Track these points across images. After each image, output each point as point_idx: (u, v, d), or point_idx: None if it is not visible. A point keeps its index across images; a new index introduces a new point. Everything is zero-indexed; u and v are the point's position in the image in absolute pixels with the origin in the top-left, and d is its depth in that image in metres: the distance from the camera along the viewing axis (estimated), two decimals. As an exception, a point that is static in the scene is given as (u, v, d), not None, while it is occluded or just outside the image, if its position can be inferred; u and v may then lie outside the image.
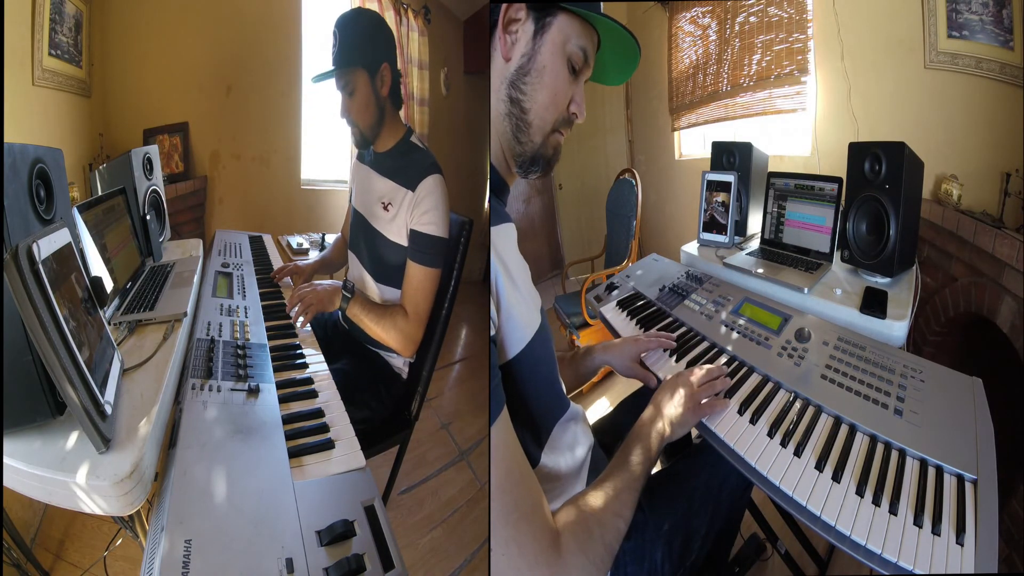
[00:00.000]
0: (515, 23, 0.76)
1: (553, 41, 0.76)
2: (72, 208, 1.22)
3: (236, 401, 0.94)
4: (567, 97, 0.79)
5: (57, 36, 1.91)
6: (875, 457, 0.83)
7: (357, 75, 1.33)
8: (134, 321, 1.24)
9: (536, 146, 0.79)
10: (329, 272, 1.81)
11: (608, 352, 1.15)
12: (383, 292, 1.47)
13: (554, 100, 0.78)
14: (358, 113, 1.37)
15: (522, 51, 0.76)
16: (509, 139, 0.79)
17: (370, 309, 1.40)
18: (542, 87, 0.76)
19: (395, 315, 1.38)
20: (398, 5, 3.11)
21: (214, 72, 2.52)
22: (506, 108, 0.78)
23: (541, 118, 0.78)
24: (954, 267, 1.58)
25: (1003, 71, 1.49)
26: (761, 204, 1.78)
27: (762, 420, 0.92)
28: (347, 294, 1.39)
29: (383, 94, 1.37)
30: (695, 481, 0.95)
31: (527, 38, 0.76)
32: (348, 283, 1.42)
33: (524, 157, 0.80)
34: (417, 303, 1.37)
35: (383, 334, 1.39)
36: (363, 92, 1.35)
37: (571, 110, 0.80)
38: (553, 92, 0.77)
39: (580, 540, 0.68)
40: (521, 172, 0.82)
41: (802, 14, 2.24)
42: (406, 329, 1.37)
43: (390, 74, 1.36)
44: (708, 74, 2.78)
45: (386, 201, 1.39)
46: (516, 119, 0.78)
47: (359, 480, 0.82)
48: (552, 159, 0.81)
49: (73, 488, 0.76)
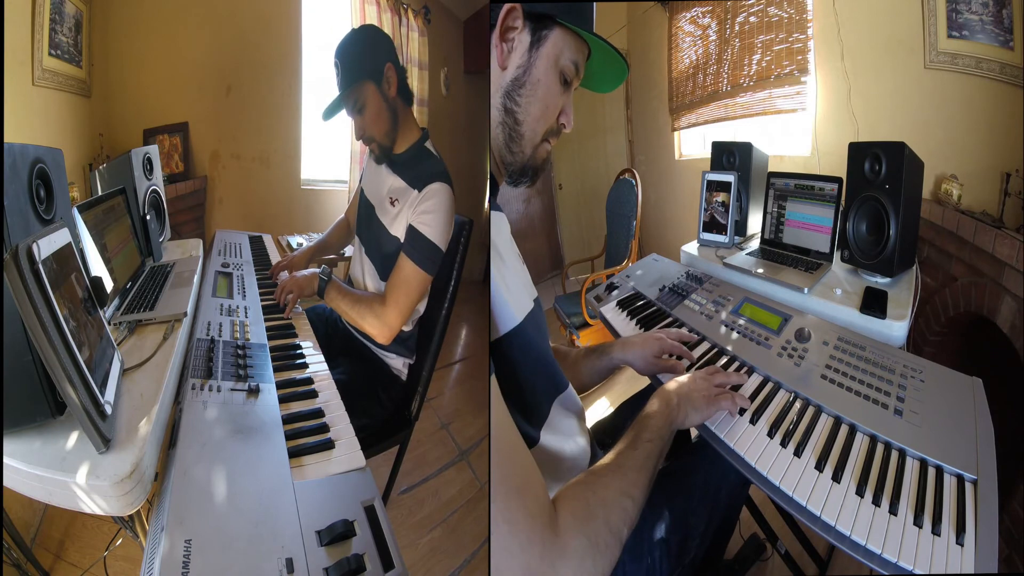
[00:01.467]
0: (512, 31, 0.77)
1: (548, 56, 0.77)
2: (72, 208, 1.22)
3: (236, 401, 0.94)
4: (558, 109, 0.81)
5: (57, 36, 1.91)
6: (875, 457, 0.83)
7: (364, 89, 1.33)
8: (134, 321, 1.24)
9: (526, 157, 0.81)
10: (327, 255, 1.81)
11: (627, 351, 1.10)
12: (381, 286, 1.46)
13: (545, 113, 0.80)
14: (372, 124, 1.36)
15: (518, 62, 0.77)
16: (501, 147, 0.81)
17: (346, 295, 1.41)
18: (535, 100, 0.78)
19: (372, 302, 1.38)
20: (398, 5, 3.11)
21: (214, 72, 2.52)
22: (500, 116, 0.79)
23: (532, 130, 0.80)
24: (954, 267, 1.58)
25: (1003, 71, 1.49)
26: (761, 204, 1.78)
27: (762, 420, 0.92)
28: (324, 278, 1.41)
29: (392, 95, 1.36)
30: (694, 479, 0.95)
31: (523, 49, 0.77)
32: (325, 268, 1.43)
33: (514, 167, 0.82)
34: (398, 294, 1.35)
35: (359, 320, 1.39)
36: (374, 103, 1.34)
37: (560, 120, 0.82)
38: (545, 105, 0.79)
39: (581, 520, 0.63)
40: (511, 181, 0.83)
41: (802, 14, 2.24)
42: (382, 315, 1.36)
43: (395, 72, 1.35)
44: (708, 74, 2.78)
45: (394, 197, 1.39)
46: (509, 129, 0.79)
47: (359, 480, 0.82)
48: (540, 169, 0.83)
49: (73, 488, 0.76)
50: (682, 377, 0.93)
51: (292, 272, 1.63)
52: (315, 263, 1.69)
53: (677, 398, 0.86)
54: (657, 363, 1.09)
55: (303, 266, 1.68)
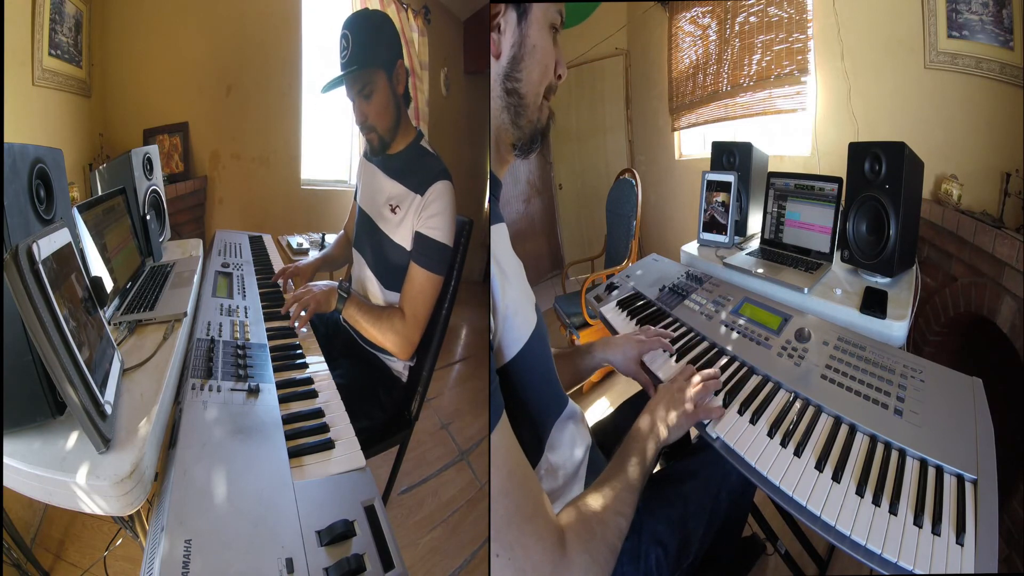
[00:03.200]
0: (497, 17, 0.78)
1: (537, 19, 0.79)
2: (72, 208, 1.22)
3: (236, 401, 0.94)
4: (554, 62, 0.82)
5: (57, 36, 1.91)
6: (875, 457, 0.83)
7: (376, 76, 1.30)
8: (134, 321, 1.24)
9: (534, 124, 0.82)
10: (331, 270, 1.80)
11: (609, 350, 1.15)
12: (386, 295, 1.46)
13: (545, 72, 0.81)
14: (377, 116, 1.33)
15: (511, 41, 0.78)
16: (508, 128, 0.81)
17: (367, 311, 1.39)
18: (535, 64, 0.79)
19: (392, 317, 1.37)
20: (398, 5, 3.11)
21: (214, 72, 2.51)
22: (503, 102, 0.80)
23: (536, 94, 0.81)
24: (954, 267, 1.57)
25: (1003, 71, 1.49)
26: (761, 204, 1.78)
27: (762, 420, 0.92)
28: (343, 294, 1.38)
29: (399, 92, 1.35)
30: (692, 482, 0.95)
31: (512, 27, 0.78)
32: (344, 284, 1.40)
33: (523, 139, 0.82)
34: (416, 306, 1.35)
35: (380, 336, 1.38)
36: (383, 93, 1.32)
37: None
38: (544, 65, 0.80)
39: (584, 539, 0.68)
40: (521, 154, 0.84)
41: (802, 14, 2.24)
42: (403, 332, 1.36)
43: (404, 71, 1.34)
44: (708, 74, 2.78)
45: (394, 204, 1.37)
46: (514, 107, 0.80)
47: (359, 480, 0.82)
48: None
49: (73, 488, 0.76)
50: (662, 395, 0.95)
51: (297, 278, 1.62)
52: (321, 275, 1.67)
53: (660, 424, 0.89)
54: (635, 369, 1.14)
55: (310, 276, 1.65)
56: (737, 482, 0.96)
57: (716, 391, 0.98)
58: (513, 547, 0.63)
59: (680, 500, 0.93)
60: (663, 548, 0.88)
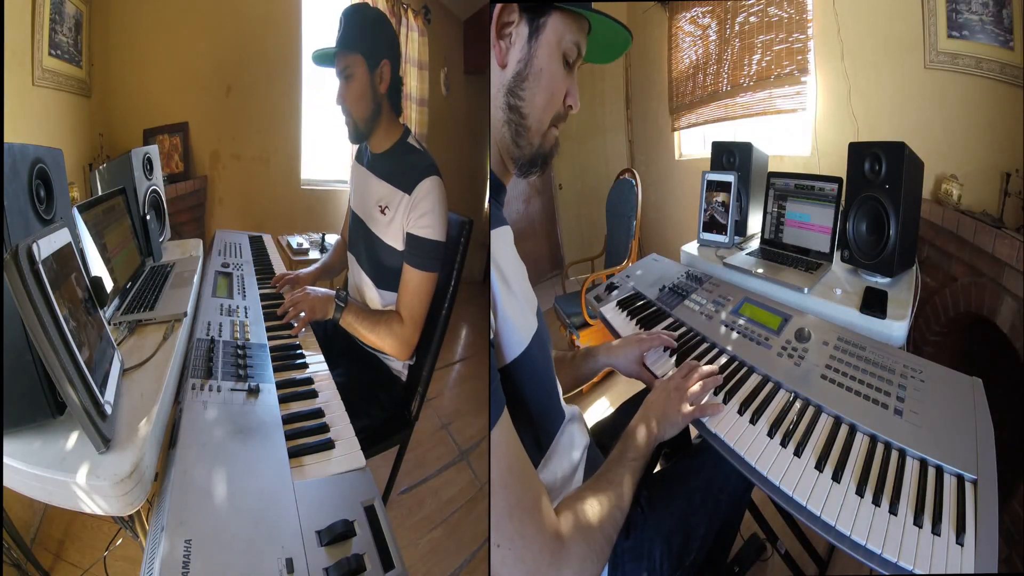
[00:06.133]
0: (508, 26, 0.76)
1: (548, 43, 0.76)
2: (72, 208, 1.22)
3: (236, 401, 0.94)
4: (563, 93, 0.79)
5: (57, 36, 1.91)
6: (875, 457, 0.83)
7: (356, 60, 1.33)
8: (134, 321, 1.24)
9: (534, 148, 0.80)
10: (330, 278, 1.80)
11: (611, 354, 1.15)
12: (383, 297, 1.46)
13: (551, 100, 0.78)
14: (353, 102, 1.36)
15: (518, 56, 0.76)
16: (508, 144, 0.79)
17: (364, 317, 1.39)
18: (540, 90, 0.77)
19: (390, 321, 1.37)
20: (398, 5, 3.11)
21: (214, 72, 2.52)
22: (505, 116, 0.78)
23: (539, 120, 0.78)
24: (954, 267, 1.57)
25: (1003, 71, 1.49)
26: (761, 204, 1.78)
27: (762, 420, 0.92)
28: (340, 303, 1.38)
29: (381, 90, 1.36)
30: (695, 481, 0.96)
31: (522, 42, 0.76)
32: (341, 292, 1.41)
33: (523, 160, 0.80)
34: (413, 308, 1.36)
35: (378, 341, 1.38)
36: (360, 81, 1.34)
37: (567, 103, 0.80)
38: (551, 92, 0.78)
39: (582, 531, 0.70)
40: (520, 173, 0.82)
41: (802, 14, 2.24)
42: (402, 335, 1.37)
43: (390, 72, 1.36)
44: (708, 74, 2.78)
45: (383, 205, 1.38)
46: (515, 125, 0.78)
47: (359, 480, 0.82)
48: (550, 155, 0.82)
49: (73, 488, 0.76)
50: (659, 391, 0.95)
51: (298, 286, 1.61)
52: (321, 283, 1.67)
53: (655, 420, 0.89)
54: (638, 369, 1.13)
55: (309, 284, 1.65)
56: (738, 481, 0.96)
57: (716, 389, 0.98)
58: (513, 538, 0.64)
59: (682, 498, 0.93)
60: (666, 545, 0.88)
